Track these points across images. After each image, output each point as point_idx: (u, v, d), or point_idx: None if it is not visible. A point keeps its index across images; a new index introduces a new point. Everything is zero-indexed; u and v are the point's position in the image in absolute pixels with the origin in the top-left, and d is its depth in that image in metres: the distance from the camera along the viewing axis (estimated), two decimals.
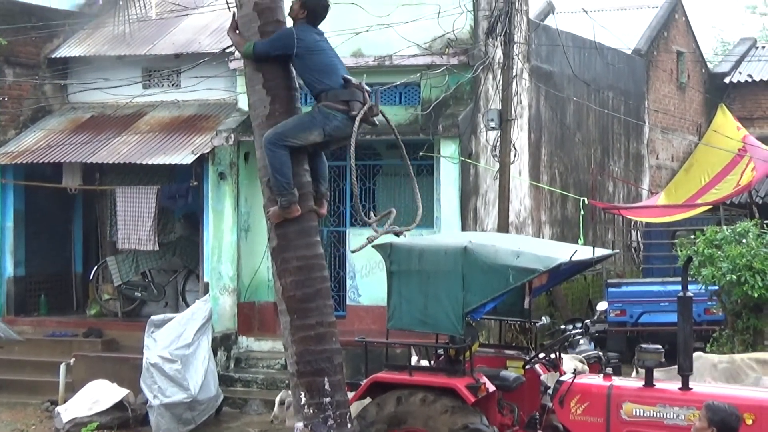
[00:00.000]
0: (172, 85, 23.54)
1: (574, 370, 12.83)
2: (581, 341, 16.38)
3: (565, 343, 13.76)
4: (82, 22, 24.76)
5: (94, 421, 18.06)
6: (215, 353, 20.14)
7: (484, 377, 12.39)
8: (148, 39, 23.15)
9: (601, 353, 16.07)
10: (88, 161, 22.11)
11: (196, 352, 19.02)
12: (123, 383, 18.97)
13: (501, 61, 20.84)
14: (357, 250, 10.86)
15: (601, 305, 18.92)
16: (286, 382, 15.37)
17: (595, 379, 12.47)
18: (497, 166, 20.70)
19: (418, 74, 20.34)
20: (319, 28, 10.49)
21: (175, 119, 22.90)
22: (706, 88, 35.09)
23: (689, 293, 11.63)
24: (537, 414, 13.03)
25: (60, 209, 24.13)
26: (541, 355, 13.43)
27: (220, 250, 21.31)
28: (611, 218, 27.32)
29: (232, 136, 21.10)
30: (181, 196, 22.57)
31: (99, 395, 18.66)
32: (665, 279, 21.85)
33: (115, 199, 22.65)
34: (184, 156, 21.29)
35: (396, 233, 13.14)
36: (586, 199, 23.24)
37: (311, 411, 10.16)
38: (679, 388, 11.67)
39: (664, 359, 12.10)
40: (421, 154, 20.22)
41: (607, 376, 12.31)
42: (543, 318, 14.55)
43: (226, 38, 22.21)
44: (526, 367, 13.27)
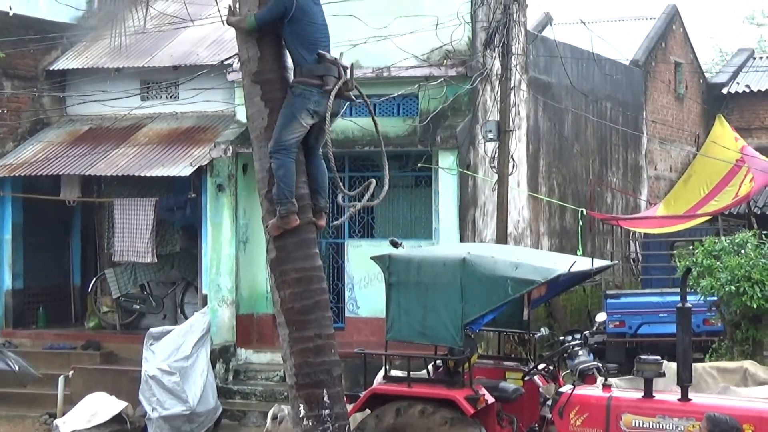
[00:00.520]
0: (171, 97, 23.56)
1: (572, 381, 12.81)
2: (580, 352, 16.29)
3: (564, 355, 13.72)
4: (80, 34, 24.76)
5: None
6: (214, 365, 20.13)
7: (483, 389, 12.36)
8: (147, 51, 23.18)
9: (600, 364, 16.03)
10: (87, 173, 22.12)
11: (194, 365, 19.02)
12: (121, 396, 18.96)
13: (499, 72, 20.85)
14: (340, 221, 10.83)
15: (600, 316, 18.83)
16: (285, 394, 15.38)
17: (594, 390, 12.45)
18: (495, 177, 20.70)
19: (416, 86, 20.35)
20: None
21: (174, 131, 22.90)
22: (704, 98, 35.11)
23: (688, 304, 11.62)
24: (536, 425, 13.01)
25: (58, 221, 24.12)
26: (540, 366, 13.41)
27: (219, 262, 21.30)
28: (610, 229, 27.30)
29: (231, 148, 21.10)
30: (179, 208, 22.55)
31: (97, 408, 18.63)
32: (664, 290, 21.83)
33: (113, 211, 22.63)
34: (182, 168, 21.29)
35: (394, 244, 13.14)
36: (584, 210, 23.23)
37: (310, 423, 10.15)
38: (679, 399, 11.65)
39: (663, 370, 12.09)
40: (419, 165, 20.25)
41: (606, 387, 12.29)
42: (542, 329, 14.52)
43: (224, 50, 22.40)
44: (525, 378, 13.25)
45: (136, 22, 11.19)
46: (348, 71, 10.33)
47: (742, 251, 17.62)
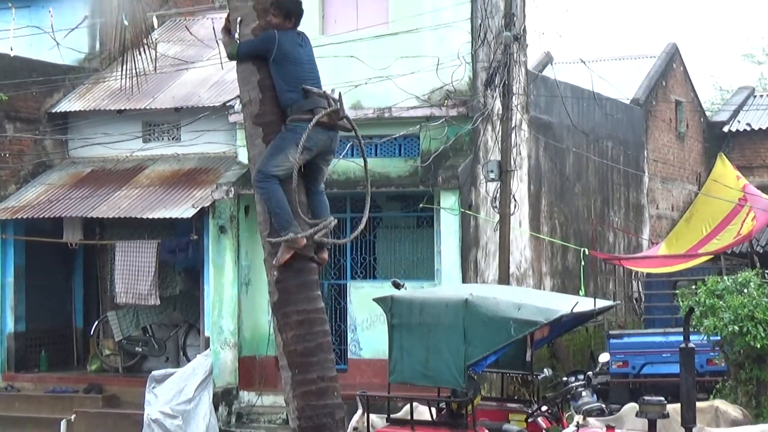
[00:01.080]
0: (172, 138, 23.62)
1: (576, 422, 12.75)
2: (583, 393, 16.24)
3: (567, 396, 13.66)
4: (83, 77, 24.86)
5: None
6: (216, 408, 20.07)
7: (487, 431, 12.31)
8: (148, 93, 23.23)
9: (603, 405, 15.97)
10: (89, 216, 22.13)
11: (197, 408, 18.97)
12: None
13: (500, 112, 20.90)
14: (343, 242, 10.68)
15: (603, 357, 18.79)
16: None
17: (598, 431, 12.39)
18: (497, 217, 20.70)
19: (418, 126, 20.40)
20: (300, 30, 10.43)
21: (176, 173, 22.93)
22: (705, 137, 35.15)
23: (691, 344, 11.58)
24: None
25: (61, 264, 24.11)
26: (544, 407, 13.36)
27: (221, 304, 21.27)
28: (612, 269, 27.27)
29: (233, 189, 21.12)
30: (181, 250, 22.55)
31: None
32: (667, 330, 21.75)
33: (116, 253, 22.62)
34: (184, 210, 21.29)
35: (396, 286, 13.12)
36: (586, 250, 23.20)
37: None
38: None
39: (667, 411, 12.03)
40: (420, 206, 20.25)
41: (610, 428, 12.23)
42: (545, 370, 14.47)
43: (225, 92, 22.46)
44: (529, 420, 13.19)
45: (139, 65, 11.23)
46: (338, 102, 10.31)
47: (745, 290, 17.57)
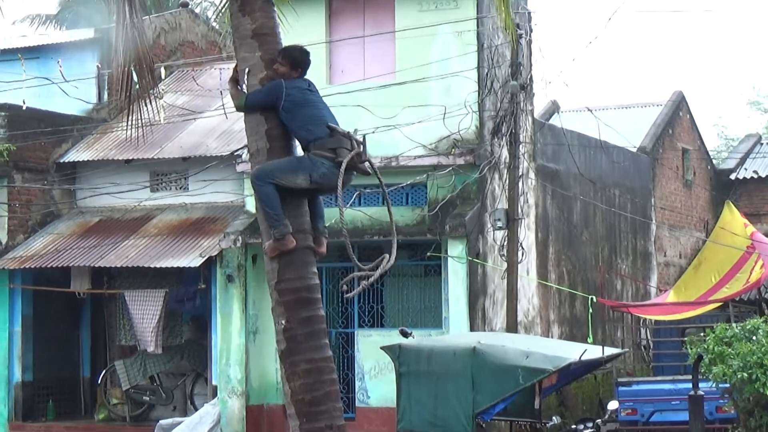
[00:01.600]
0: (180, 188, 23.68)
1: None
2: None
3: None
4: (91, 127, 24.97)
5: None
6: None
7: None
8: (156, 143, 23.30)
9: None
10: (97, 265, 22.15)
11: None
12: None
13: (507, 160, 20.95)
14: (351, 294, 10.66)
15: (612, 404, 18.80)
16: None
17: None
18: (505, 265, 20.71)
19: (425, 175, 20.45)
20: (307, 78, 10.46)
21: (183, 222, 22.97)
22: (712, 184, 35.17)
23: (700, 391, 11.57)
24: None
25: (68, 313, 24.11)
26: None
27: (229, 352, 21.26)
28: (620, 316, 27.20)
29: (240, 238, 21.16)
30: (189, 299, 22.58)
31: None
32: (676, 377, 21.67)
33: (125, 302, 22.65)
34: (192, 259, 21.32)
35: (404, 334, 13.13)
36: (594, 298, 23.16)
37: None
38: None
39: None
40: (428, 254, 20.25)
41: None
42: (554, 418, 14.48)
43: (233, 141, 22.55)
44: None
45: (147, 115, 11.28)
46: (361, 144, 10.32)
47: (754, 338, 17.50)
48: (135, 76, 10.96)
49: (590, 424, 14.42)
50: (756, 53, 69.90)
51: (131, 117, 11.43)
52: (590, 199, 26.04)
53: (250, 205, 21.09)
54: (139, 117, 11.28)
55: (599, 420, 15.31)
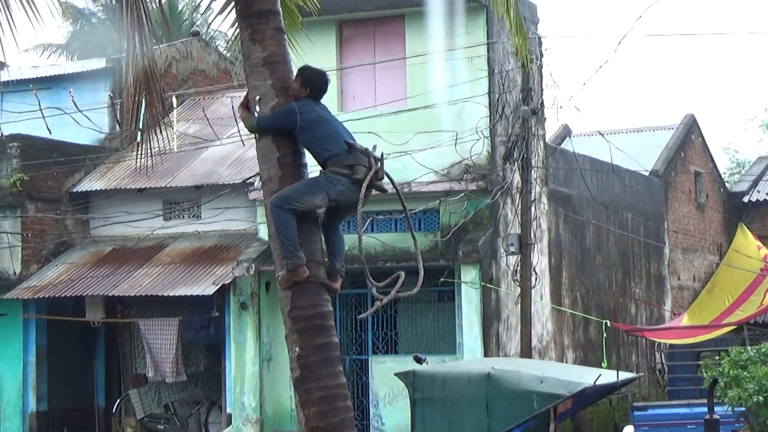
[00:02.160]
0: (193, 216, 23.72)
1: None
2: None
3: None
4: (103, 156, 25.04)
5: None
6: None
7: None
8: (169, 171, 23.37)
9: None
10: (110, 294, 22.18)
11: None
12: None
13: (519, 185, 20.95)
14: (365, 315, 10.64)
15: (628, 429, 18.73)
16: None
17: None
18: (518, 290, 20.68)
19: (437, 200, 20.45)
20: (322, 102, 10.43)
21: (196, 250, 23.00)
22: (725, 207, 35.10)
23: (716, 415, 11.53)
24: None
25: (82, 342, 24.13)
26: None
27: (243, 380, 21.24)
28: (634, 340, 27.14)
29: (253, 266, 21.17)
30: (202, 327, 22.60)
31: None
32: (691, 401, 21.61)
33: (140, 331, 22.67)
34: (205, 287, 21.34)
35: (418, 360, 13.11)
36: (608, 322, 23.10)
37: None
38: None
39: None
40: (441, 280, 20.23)
41: None
42: None
43: (245, 169, 22.59)
44: None
45: (159, 144, 11.29)
46: (378, 161, 10.29)
47: None
48: (144, 104, 10.97)
49: None
50: (767, 76, 69.86)
51: (143, 146, 11.44)
52: (603, 224, 26.01)
53: (263, 232, 21.11)
54: (149, 146, 11.28)
55: None
